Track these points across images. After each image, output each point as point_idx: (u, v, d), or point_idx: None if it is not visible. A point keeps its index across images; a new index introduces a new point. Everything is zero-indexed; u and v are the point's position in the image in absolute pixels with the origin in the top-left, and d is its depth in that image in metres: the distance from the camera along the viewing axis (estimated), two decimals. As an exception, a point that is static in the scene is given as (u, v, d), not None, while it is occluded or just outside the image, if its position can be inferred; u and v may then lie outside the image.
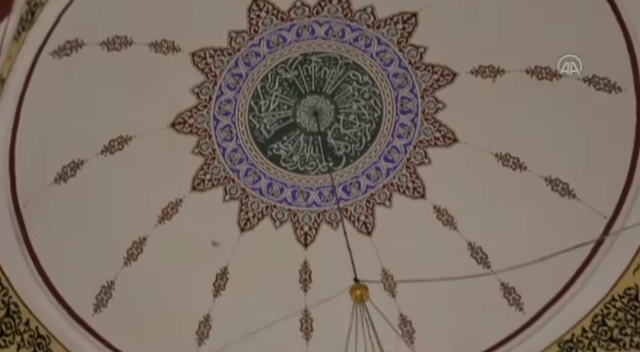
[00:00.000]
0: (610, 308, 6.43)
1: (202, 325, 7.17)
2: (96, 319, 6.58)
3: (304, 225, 7.52)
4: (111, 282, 6.81)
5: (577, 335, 6.60)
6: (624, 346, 6.26)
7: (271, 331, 6.89)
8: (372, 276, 5.70)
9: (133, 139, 6.82)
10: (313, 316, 7.33)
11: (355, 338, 4.20)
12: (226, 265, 7.35)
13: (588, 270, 6.65)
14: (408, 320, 7.28)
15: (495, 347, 7.02)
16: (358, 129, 7.34)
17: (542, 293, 6.91)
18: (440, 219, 7.30)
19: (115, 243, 6.89)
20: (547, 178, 6.87)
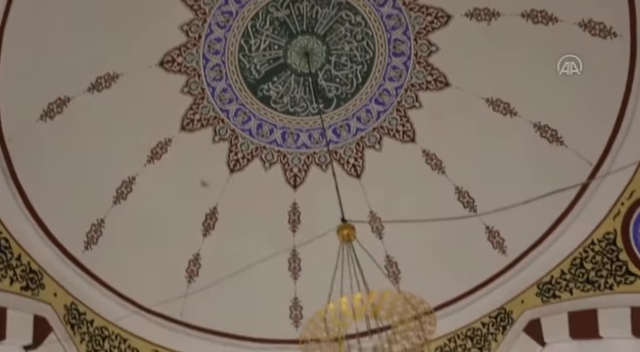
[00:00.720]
0: (589, 252, 6.64)
1: (192, 264, 7.31)
2: (87, 256, 6.66)
3: (293, 167, 7.55)
4: (101, 220, 6.86)
5: (556, 277, 6.85)
6: (599, 287, 6.50)
7: (260, 270, 7.05)
8: (360, 218, 5.79)
9: (121, 77, 6.69)
10: (301, 256, 7.49)
11: (341, 276, 4.32)
12: (215, 205, 7.42)
13: (570, 216, 6.82)
14: (394, 261, 7.47)
15: (477, 288, 7.26)
16: (349, 71, 7.25)
17: (525, 237, 7.10)
18: (429, 163, 7.37)
19: (104, 182, 6.89)
20: (536, 124, 6.90)
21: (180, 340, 7.04)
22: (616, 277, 6.42)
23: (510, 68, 6.85)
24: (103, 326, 6.53)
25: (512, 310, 7.02)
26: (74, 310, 6.31)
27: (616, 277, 6.42)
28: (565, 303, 6.75)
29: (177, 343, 7.03)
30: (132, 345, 6.74)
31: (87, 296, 6.48)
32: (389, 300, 3.86)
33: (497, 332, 7.04)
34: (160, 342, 6.94)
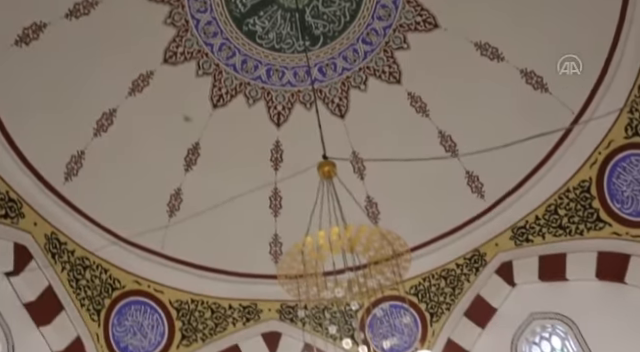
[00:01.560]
0: (563, 199, 6.82)
1: (173, 198, 7.34)
2: (67, 187, 6.63)
3: (277, 104, 7.48)
4: (81, 152, 6.78)
5: (530, 222, 7.05)
6: (570, 233, 6.72)
7: (241, 206, 7.12)
8: (342, 157, 5.80)
9: (100, 4, 6.42)
10: (282, 194, 7.56)
11: (320, 212, 4.37)
12: (198, 141, 7.38)
13: (549, 163, 6.94)
14: (374, 202, 7.59)
15: (454, 230, 7.46)
16: (337, 8, 7.05)
17: (503, 183, 7.24)
18: (413, 106, 7.35)
19: (84, 113, 6.76)
20: (523, 70, 6.88)
21: (161, 272, 7.17)
22: (587, 223, 6.63)
23: (500, 12, 6.72)
24: (84, 256, 6.60)
25: (486, 252, 7.25)
26: (55, 240, 6.35)
27: (587, 223, 6.63)
28: (537, 247, 6.99)
29: (158, 275, 7.16)
30: (113, 275, 6.85)
31: (68, 227, 6.51)
32: (366, 235, 3.94)
33: (470, 273, 7.29)
34: (141, 273, 7.06)
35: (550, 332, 6.81)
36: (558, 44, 6.54)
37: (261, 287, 7.31)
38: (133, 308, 6.93)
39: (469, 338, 7.24)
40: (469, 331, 7.23)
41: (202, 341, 7.16)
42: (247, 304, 7.38)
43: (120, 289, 6.88)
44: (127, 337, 6.79)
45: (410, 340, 7.07)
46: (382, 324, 7.14)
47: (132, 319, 6.90)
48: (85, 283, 6.53)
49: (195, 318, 7.22)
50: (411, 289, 7.30)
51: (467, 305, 7.25)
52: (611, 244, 6.43)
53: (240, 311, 7.36)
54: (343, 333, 4.40)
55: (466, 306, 7.25)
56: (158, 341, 7.00)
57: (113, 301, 6.78)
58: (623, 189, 6.32)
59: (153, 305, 7.08)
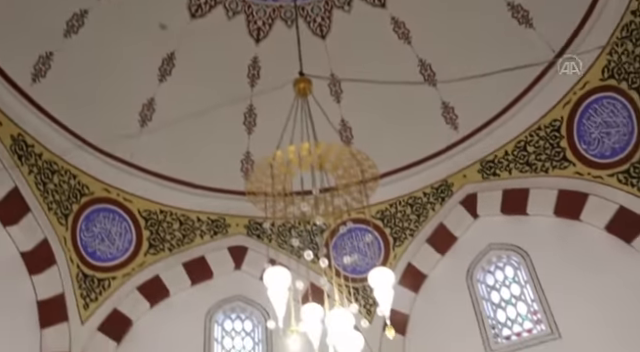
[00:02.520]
0: (534, 136, 6.94)
1: (146, 108, 7.20)
2: (35, 88, 6.41)
3: (258, 19, 7.24)
4: (50, 53, 6.52)
5: (499, 157, 7.20)
6: (535, 170, 6.90)
7: (214, 121, 7.08)
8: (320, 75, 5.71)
9: None
10: (257, 111, 7.49)
11: (293, 129, 4.36)
12: (173, 51, 7.15)
13: (524, 100, 6.99)
14: (349, 126, 7.59)
15: (425, 160, 7.57)
16: None
17: (478, 116, 7.30)
18: (396, 31, 7.20)
19: (53, 11, 6.42)
20: (510, 3, 6.74)
21: (130, 181, 7.17)
22: (553, 162, 6.81)
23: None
24: (52, 160, 6.52)
25: (453, 183, 7.43)
26: (21, 141, 6.24)
27: (553, 162, 6.81)
28: (502, 181, 7.19)
29: (127, 184, 7.16)
30: (82, 182, 6.82)
31: (35, 129, 6.38)
32: (336, 153, 3.98)
33: (436, 202, 7.50)
34: (110, 181, 7.05)
35: (505, 262, 7.16)
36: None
37: (230, 202, 7.40)
38: (102, 215, 6.98)
39: (428, 263, 7.57)
40: (429, 257, 7.55)
41: (169, 251, 7.31)
42: (215, 218, 7.50)
43: (89, 195, 6.88)
44: (95, 243, 6.88)
45: (372, 262, 7.33)
46: (346, 245, 7.39)
47: (100, 226, 6.97)
48: (53, 187, 6.50)
49: (163, 228, 7.33)
50: (377, 214, 7.50)
51: (430, 232, 7.52)
52: (572, 183, 6.65)
53: (208, 224, 7.49)
54: (306, 248, 4.56)
55: (429, 233, 7.52)
56: (126, 248, 7.12)
57: (81, 207, 6.79)
58: (591, 131, 6.45)
59: (122, 213, 7.14)
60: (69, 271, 6.53)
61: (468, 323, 6.93)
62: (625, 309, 5.93)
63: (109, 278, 6.92)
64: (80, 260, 6.68)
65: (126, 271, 7.06)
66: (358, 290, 6.91)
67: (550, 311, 6.42)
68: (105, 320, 6.76)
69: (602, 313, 6.02)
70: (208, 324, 7.29)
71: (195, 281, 7.52)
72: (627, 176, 6.17)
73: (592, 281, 6.24)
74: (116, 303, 6.89)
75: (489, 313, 6.96)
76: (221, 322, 7.44)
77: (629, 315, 5.87)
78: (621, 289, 6.04)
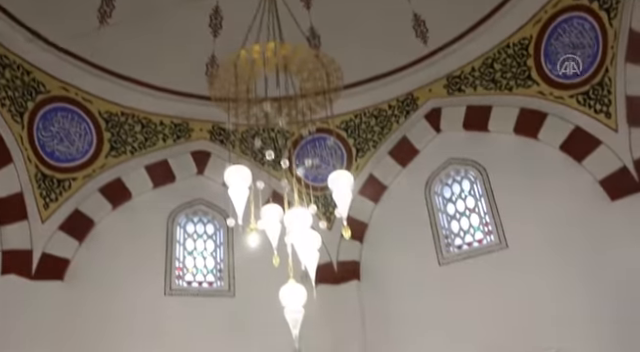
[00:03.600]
0: (502, 54, 6.94)
1: (105, 3, 6.77)
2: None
3: None
4: (-1, -60, 5.98)
5: (466, 73, 7.21)
6: (500, 87, 6.98)
7: (179, 21, 6.79)
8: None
9: None
10: (224, 14, 7.16)
11: (259, 30, 4.22)
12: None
13: (495, 17, 6.88)
14: (317, 34, 7.37)
15: (393, 72, 7.51)
16: None
17: (448, 30, 7.19)
18: None
19: None
20: None
21: (90, 81, 6.91)
22: (517, 80, 6.88)
23: None
24: (3, 54, 6.19)
25: (419, 97, 7.45)
26: (-32, 31, 5.88)
27: (517, 80, 6.88)
28: (467, 97, 7.26)
29: (87, 83, 6.91)
30: (37, 79, 6.54)
31: (-16, 20, 5.98)
32: (301, 55, 3.90)
33: (401, 115, 7.55)
34: (68, 80, 6.78)
35: (462, 176, 7.40)
36: None
37: (194, 107, 7.28)
38: (60, 114, 6.77)
39: (389, 175, 7.77)
40: (390, 169, 7.73)
41: (131, 153, 7.24)
42: (178, 122, 7.39)
43: (45, 93, 6.62)
44: (53, 143, 6.73)
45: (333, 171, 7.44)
46: (309, 154, 7.45)
47: (59, 125, 6.79)
48: (5, 83, 6.22)
49: (125, 131, 7.20)
50: (342, 124, 7.53)
51: (392, 145, 7.64)
52: (534, 102, 6.78)
53: (171, 128, 7.39)
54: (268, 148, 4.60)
55: (391, 146, 7.64)
56: (86, 149, 7.01)
57: (37, 105, 6.55)
58: (558, 51, 6.48)
59: (81, 114, 6.94)
60: (27, 170, 6.42)
61: (423, 233, 7.26)
62: (567, 224, 6.28)
63: (69, 179, 6.86)
64: (38, 160, 6.56)
65: (87, 172, 7.00)
66: (319, 198, 7.06)
67: (500, 223, 6.77)
68: (66, 220, 6.78)
69: (546, 227, 6.38)
70: (170, 226, 7.42)
71: (157, 184, 7.54)
72: (586, 98, 6.32)
73: (542, 197, 6.54)
74: (77, 204, 6.88)
75: (444, 224, 7.29)
76: (183, 225, 7.58)
77: (570, 229, 6.24)
78: (566, 205, 6.36)
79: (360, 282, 7.53)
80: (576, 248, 6.14)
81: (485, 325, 6.34)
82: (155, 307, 6.81)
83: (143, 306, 6.74)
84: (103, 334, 6.39)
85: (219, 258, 7.52)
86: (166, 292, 7.00)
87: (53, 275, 6.51)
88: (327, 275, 7.39)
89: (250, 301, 7.05)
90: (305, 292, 3.27)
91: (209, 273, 7.42)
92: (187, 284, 7.24)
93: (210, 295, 7.22)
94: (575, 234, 6.20)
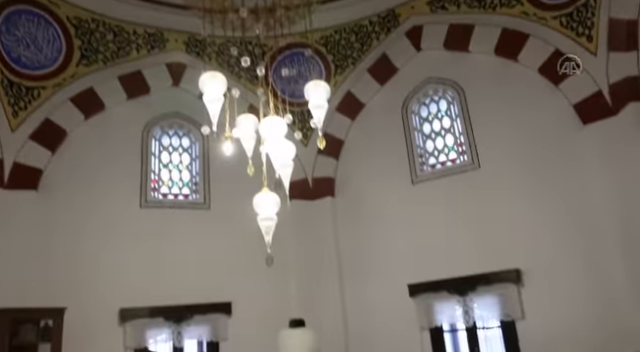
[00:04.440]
0: (489, -30, 6.72)
1: None
2: None
3: None
4: None
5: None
6: (483, 6, 6.74)
7: None
8: None
9: None
10: None
11: None
12: None
13: None
14: (298, -59, 7.02)
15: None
16: None
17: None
18: None
19: None
20: None
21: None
22: (502, 0, 6.71)
23: None
24: (-39, -52, 5.77)
25: (401, 14, 7.24)
26: None
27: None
28: (450, 15, 7.07)
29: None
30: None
31: None
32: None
33: (381, 32, 7.37)
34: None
35: (440, 96, 7.39)
36: None
37: (169, 16, 6.94)
38: (24, 18, 6.41)
39: (367, 93, 7.73)
40: (368, 86, 7.67)
41: (103, 63, 6.99)
42: (153, 32, 7.08)
43: (7, -5, 6.25)
44: (19, 48, 6.42)
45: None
46: (286, 67, 7.31)
47: (24, 30, 6.44)
48: (-42, -21, 5.84)
49: (96, 39, 6.90)
50: (321, 39, 7.34)
51: (372, 62, 7.52)
52: (517, 23, 6.65)
53: (145, 38, 7.10)
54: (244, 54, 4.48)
55: (370, 63, 7.52)
56: (55, 57, 6.72)
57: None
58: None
59: (48, 18, 6.58)
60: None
61: (398, 151, 7.35)
62: (539, 147, 6.41)
63: (38, 87, 6.63)
64: (4, 66, 6.28)
65: (57, 81, 6.76)
66: (295, 113, 6.99)
67: (475, 144, 6.87)
68: (37, 129, 6.63)
69: (519, 149, 6.51)
70: (145, 139, 7.35)
71: (131, 95, 7.37)
72: (569, 19, 6.23)
73: (517, 119, 6.62)
74: (48, 113, 6.71)
75: (419, 143, 7.37)
76: (158, 137, 7.51)
77: (542, 152, 6.37)
78: (540, 128, 6.46)
79: (334, 198, 7.70)
80: (547, 171, 6.31)
81: (455, 243, 6.61)
82: (130, 219, 6.88)
83: (118, 218, 6.81)
84: (78, 245, 6.48)
85: (195, 171, 7.55)
86: (142, 204, 7.06)
87: (26, 185, 6.46)
88: (302, 191, 7.52)
89: (225, 213, 7.18)
90: (278, 200, 3.32)
91: (185, 186, 7.48)
92: (163, 197, 7.29)
93: (186, 207, 7.31)
94: (546, 157, 6.34)
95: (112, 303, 6.39)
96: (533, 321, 5.99)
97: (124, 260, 6.61)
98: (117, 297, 6.41)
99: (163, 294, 6.59)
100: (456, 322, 6.60)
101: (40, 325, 5.71)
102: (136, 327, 6.43)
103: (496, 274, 6.24)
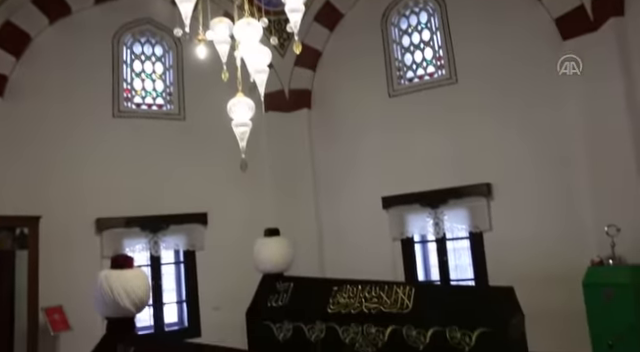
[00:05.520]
0: None
1: None
2: None
3: None
4: None
5: None
6: None
7: None
8: None
9: None
10: None
11: None
12: None
13: None
14: None
15: None
16: None
17: None
18: None
19: None
20: None
21: None
22: None
23: None
24: None
25: None
26: None
27: None
28: None
29: None
30: None
31: None
32: None
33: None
34: None
35: (421, 7, 7.17)
36: None
37: None
38: None
39: (347, 2, 7.48)
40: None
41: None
42: None
43: None
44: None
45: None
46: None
47: None
48: None
49: None
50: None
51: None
52: None
53: None
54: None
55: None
56: (13, -47, 6.25)
57: None
58: None
59: None
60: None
61: (376, 64, 7.24)
62: (517, 63, 6.34)
63: (-5, -14, 6.21)
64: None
65: (15, -21, 6.33)
66: (272, 22, 6.74)
67: (454, 58, 6.77)
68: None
69: (497, 64, 6.45)
70: (116, 46, 7.05)
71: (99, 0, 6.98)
72: None
73: (497, 34, 6.50)
74: (8, 14, 6.32)
75: (397, 56, 7.24)
76: (129, 45, 7.22)
77: (519, 68, 6.32)
78: (519, 44, 6.35)
79: (311, 111, 7.65)
80: (523, 88, 6.30)
81: (429, 157, 6.71)
82: (103, 129, 6.75)
83: (90, 127, 6.67)
84: (49, 154, 6.37)
85: (169, 81, 7.35)
86: (114, 114, 6.90)
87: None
88: (278, 103, 7.44)
89: (200, 124, 7.11)
90: (252, 105, 3.27)
91: (158, 96, 7.30)
92: (136, 107, 7.13)
93: (160, 118, 7.18)
94: (524, 74, 6.31)
95: (88, 213, 6.41)
96: (500, 233, 6.25)
97: (99, 170, 6.56)
98: (92, 207, 6.43)
99: (139, 204, 6.63)
100: (427, 234, 6.85)
101: (16, 233, 5.73)
102: (113, 236, 6.51)
103: (467, 188, 6.40)
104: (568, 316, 5.45)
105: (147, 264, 6.75)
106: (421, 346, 4.14)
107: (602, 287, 5.06)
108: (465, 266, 6.76)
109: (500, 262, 6.13)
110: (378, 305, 4.44)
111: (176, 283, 7.15)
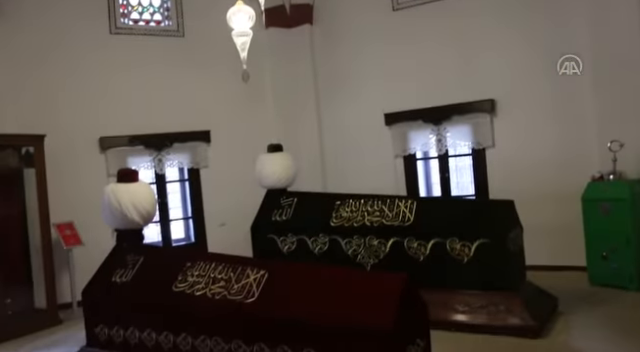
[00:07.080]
0: None
1: None
2: None
3: None
4: None
5: None
6: None
7: None
8: None
9: None
10: None
11: None
12: None
13: None
14: None
15: None
16: None
17: None
18: None
19: None
20: None
21: None
22: None
23: None
24: None
25: None
26: None
27: None
28: None
29: None
30: None
31: None
32: None
33: None
34: None
35: None
36: None
37: None
38: None
39: None
40: None
41: None
42: None
43: None
44: None
45: None
46: None
47: None
48: None
49: None
50: None
51: None
52: None
53: None
54: None
55: None
56: None
57: None
58: None
59: None
60: None
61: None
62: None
63: None
64: None
65: None
66: None
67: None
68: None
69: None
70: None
71: None
72: None
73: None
74: None
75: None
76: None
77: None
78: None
79: (312, 26, 7.43)
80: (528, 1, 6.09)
81: (432, 73, 6.62)
82: (100, 45, 6.55)
83: (87, 43, 6.47)
84: (47, 71, 6.17)
85: (165, -5, 7.09)
86: (111, 30, 6.70)
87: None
88: (280, 18, 7.19)
89: (200, 41, 6.93)
90: (253, 14, 3.17)
91: (156, 12, 7.07)
92: (133, 23, 6.91)
93: (159, 35, 6.99)
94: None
95: (91, 131, 6.39)
96: (502, 148, 6.26)
97: (99, 88, 6.46)
98: (95, 125, 6.40)
99: (141, 123, 6.60)
100: (429, 150, 6.86)
101: (21, 152, 5.75)
102: (117, 155, 6.54)
103: (471, 104, 6.34)
104: (566, 231, 5.58)
105: (152, 182, 6.82)
106: (421, 257, 4.29)
107: (600, 202, 5.14)
108: (467, 183, 6.84)
109: (502, 179, 6.18)
110: (380, 218, 4.55)
111: (182, 200, 7.29)
